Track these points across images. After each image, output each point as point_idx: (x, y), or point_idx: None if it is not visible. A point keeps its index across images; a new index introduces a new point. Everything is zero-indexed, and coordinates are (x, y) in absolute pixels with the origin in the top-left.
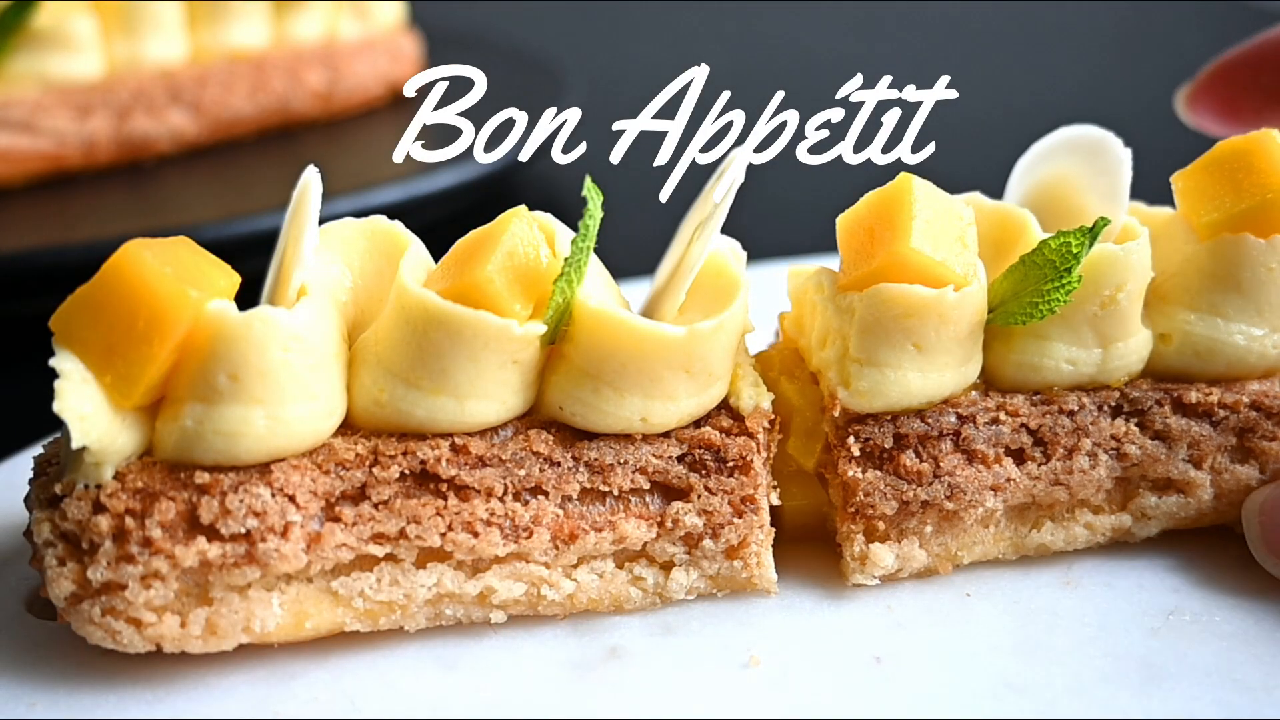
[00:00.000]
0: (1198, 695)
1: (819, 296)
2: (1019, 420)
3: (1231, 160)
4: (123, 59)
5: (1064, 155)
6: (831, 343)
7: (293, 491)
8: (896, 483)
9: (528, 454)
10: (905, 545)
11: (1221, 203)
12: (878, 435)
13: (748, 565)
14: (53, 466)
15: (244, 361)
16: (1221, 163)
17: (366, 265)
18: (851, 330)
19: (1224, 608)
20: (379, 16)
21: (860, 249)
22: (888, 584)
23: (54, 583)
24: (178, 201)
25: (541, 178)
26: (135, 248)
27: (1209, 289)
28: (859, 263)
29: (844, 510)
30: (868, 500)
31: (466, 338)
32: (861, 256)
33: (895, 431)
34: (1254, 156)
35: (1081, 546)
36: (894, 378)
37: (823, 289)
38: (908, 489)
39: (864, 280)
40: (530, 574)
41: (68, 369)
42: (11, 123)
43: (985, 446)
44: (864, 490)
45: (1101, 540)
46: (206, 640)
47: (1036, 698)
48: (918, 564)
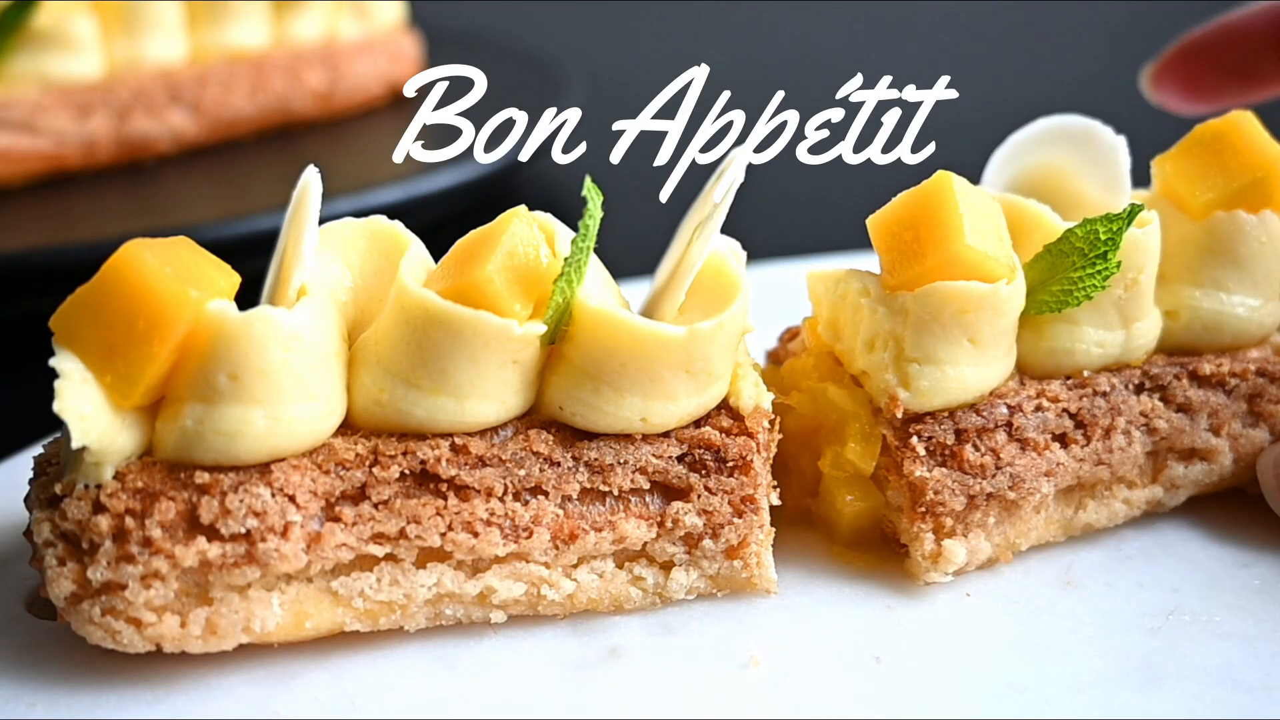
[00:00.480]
0: (1197, 695)
1: (865, 299)
2: (1060, 405)
3: (1213, 142)
4: (123, 59)
5: (1048, 146)
6: (883, 345)
7: (293, 491)
8: (963, 478)
9: (528, 454)
10: (972, 539)
11: (1214, 183)
12: (939, 433)
13: (748, 565)
14: (53, 466)
15: (244, 361)
16: (1203, 145)
17: (366, 265)
18: (906, 330)
19: (1224, 608)
20: (379, 16)
21: (906, 249)
22: (888, 584)
23: (54, 583)
24: (178, 201)
25: (541, 178)
26: (135, 248)
27: (1210, 265)
28: (907, 262)
29: (912, 510)
30: (938, 499)
31: (466, 338)
32: (908, 256)
33: (955, 427)
34: (1233, 137)
35: (1121, 521)
36: (952, 374)
37: (869, 291)
38: (973, 483)
39: (915, 279)
40: (530, 574)
41: (68, 369)
42: (11, 123)
43: (1035, 434)
44: (933, 489)
45: (1137, 514)
46: (206, 640)
47: (1036, 697)
48: (983, 556)
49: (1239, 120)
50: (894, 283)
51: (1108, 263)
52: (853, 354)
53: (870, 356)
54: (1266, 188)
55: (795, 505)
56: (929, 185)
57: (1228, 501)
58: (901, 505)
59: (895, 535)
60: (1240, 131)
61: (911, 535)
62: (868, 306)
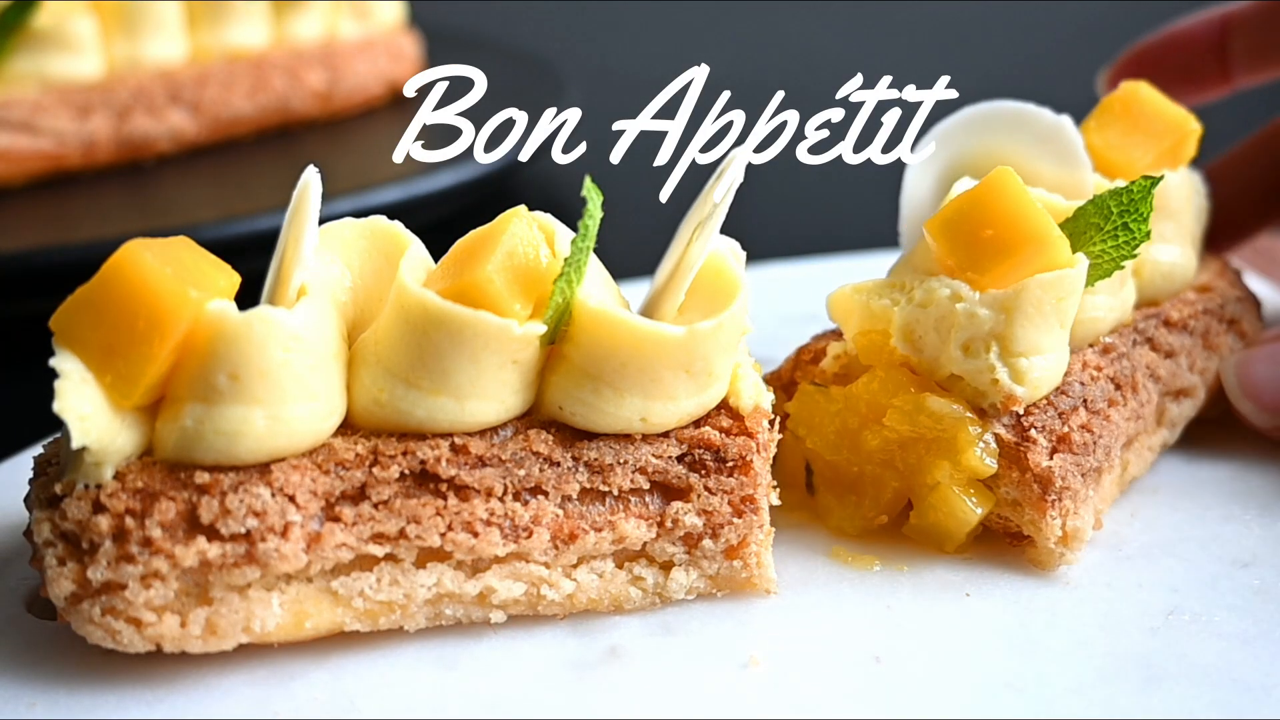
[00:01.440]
0: (1197, 695)
1: (960, 304)
2: (1104, 373)
3: (1125, 112)
4: (123, 59)
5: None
6: (984, 345)
7: (293, 491)
8: (1076, 459)
9: (527, 454)
10: (1084, 515)
11: (1145, 148)
12: (1048, 420)
13: (747, 565)
14: (53, 466)
15: (244, 361)
16: (1118, 115)
17: (366, 265)
18: (1011, 326)
19: (1224, 608)
20: (379, 16)
21: (988, 247)
22: (888, 584)
23: (54, 583)
24: (178, 201)
25: (541, 178)
26: (135, 248)
27: (1158, 221)
28: (992, 260)
29: (1042, 500)
30: (1065, 484)
31: (466, 337)
32: (992, 255)
33: (1058, 412)
34: (1143, 104)
35: (1147, 469)
36: (1054, 361)
37: (961, 296)
38: (1085, 461)
39: (1008, 275)
40: (530, 574)
41: (68, 369)
42: (11, 123)
43: (1103, 404)
44: (1059, 475)
45: (1153, 456)
46: (206, 640)
47: (1036, 697)
48: (1090, 530)
49: (1141, 89)
50: (986, 282)
51: (1133, 233)
52: (941, 361)
53: (970, 360)
54: (1186, 145)
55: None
56: (994, 184)
57: (1228, 501)
58: (1021, 498)
59: (1009, 530)
60: (1147, 99)
61: (1038, 525)
62: (964, 311)
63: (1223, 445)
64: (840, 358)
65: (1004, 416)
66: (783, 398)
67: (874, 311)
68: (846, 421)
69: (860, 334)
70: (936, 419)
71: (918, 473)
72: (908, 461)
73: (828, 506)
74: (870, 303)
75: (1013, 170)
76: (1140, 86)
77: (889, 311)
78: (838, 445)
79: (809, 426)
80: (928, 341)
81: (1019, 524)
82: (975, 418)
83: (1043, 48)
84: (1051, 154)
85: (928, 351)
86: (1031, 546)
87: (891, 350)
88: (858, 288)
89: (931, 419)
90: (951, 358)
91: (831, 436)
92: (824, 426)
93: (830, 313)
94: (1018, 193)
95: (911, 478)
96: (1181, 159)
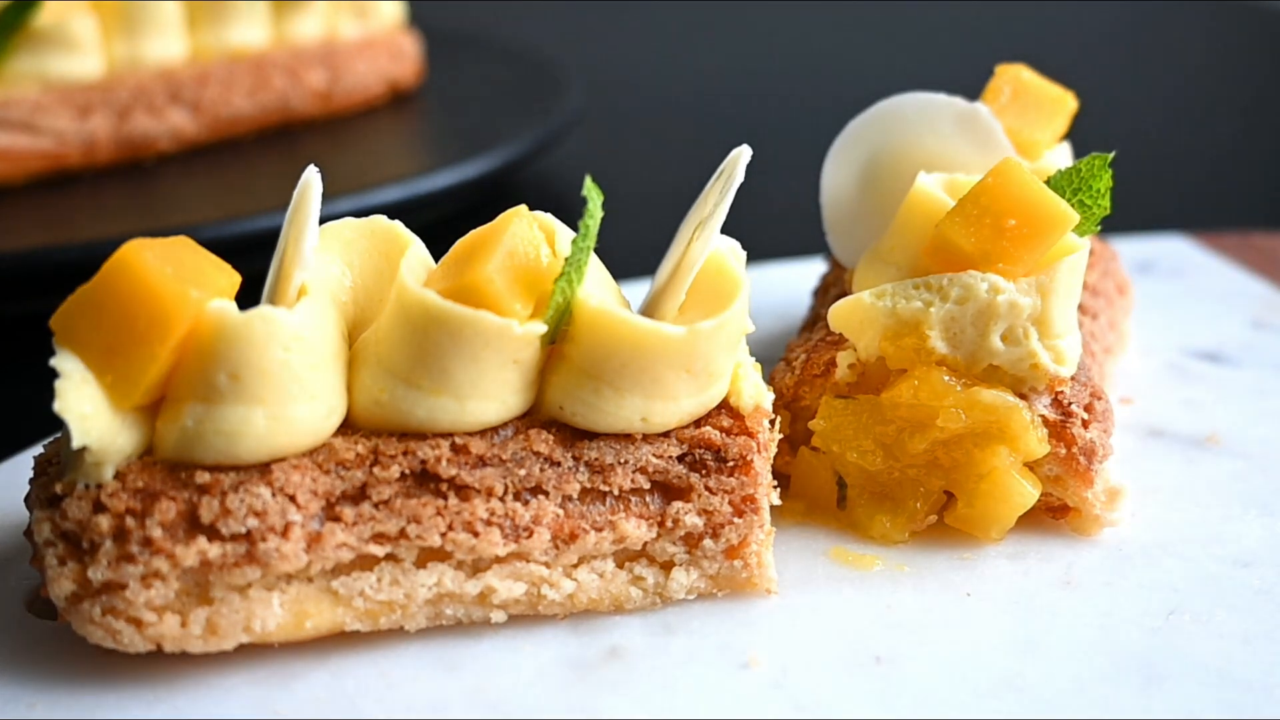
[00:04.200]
0: (1198, 694)
1: (1001, 296)
2: None
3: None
4: (123, 59)
5: (896, 127)
6: (1024, 332)
7: (293, 491)
8: (1102, 424)
9: (528, 454)
10: (1115, 474)
11: (1043, 126)
12: (1080, 394)
13: (747, 565)
14: (53, 466)
15: (244, 361)
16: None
17: (366, 265)
18: (1049, 310)
19: (1224, 607)
20: (379, 16)
21: (1016, 235)
22: (888, 584)
23: (54, 582)
24: (178, 201)
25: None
26: (135, 247)
27: None
28: (1021, 248)
29: (1088, 472)
30: (1105, 451)
31: (467, 337)
32: (1020, 242)
33: (1080, 385)
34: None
35: None
36: (1078, 335)
37: (999, 288)
38: (1107, 424)
39: (1042, 260)
40: (530, 574)
41: (68, 369)
42: (11, 122)
43: (1093, 368)
44: (1099, 444)
45: None
46: (206, 640)
47: (1036, 697)
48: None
49: (1021, 72)
50: (1020, 270)
51: (1090, 208)
52: (979, 355)
53: (1011, 348)
54: (1067, 122)
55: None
56: (1007, 173)
57: (1228, 501)
58: (1065, 473)
59: (1050, 505)
60: (1029, 80)
61: (1082, 495)
62: (1005, 301)
63: (1223, 445)
64: (855, 366)
65: (1044, 398)
66: (786, 415)
67: (903, 316)
68: (884, 430)
69: (886, 340)
70: (990, 411)
71: (965, 466)
72: (953, 458)
73: (867, 518)
74: (898, 308)
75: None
76: (1020, 70)
77: (922, 313)
78: (878, 455)
79: (841, 440)
80: (966, 337)
81: (1061, 497)
82: (1024, 404)
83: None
84: (972, 141)
85: (965, 347)
86: (1076, 516)
87: (929, 351)
88: (877, 293)
89: (985, 411)
90: (991, 349)
91: (870, 446)
92: (859, 439)
93: (837, 324)
94: (1029, 180)
95: (957, 472)
96: (1062, 135)
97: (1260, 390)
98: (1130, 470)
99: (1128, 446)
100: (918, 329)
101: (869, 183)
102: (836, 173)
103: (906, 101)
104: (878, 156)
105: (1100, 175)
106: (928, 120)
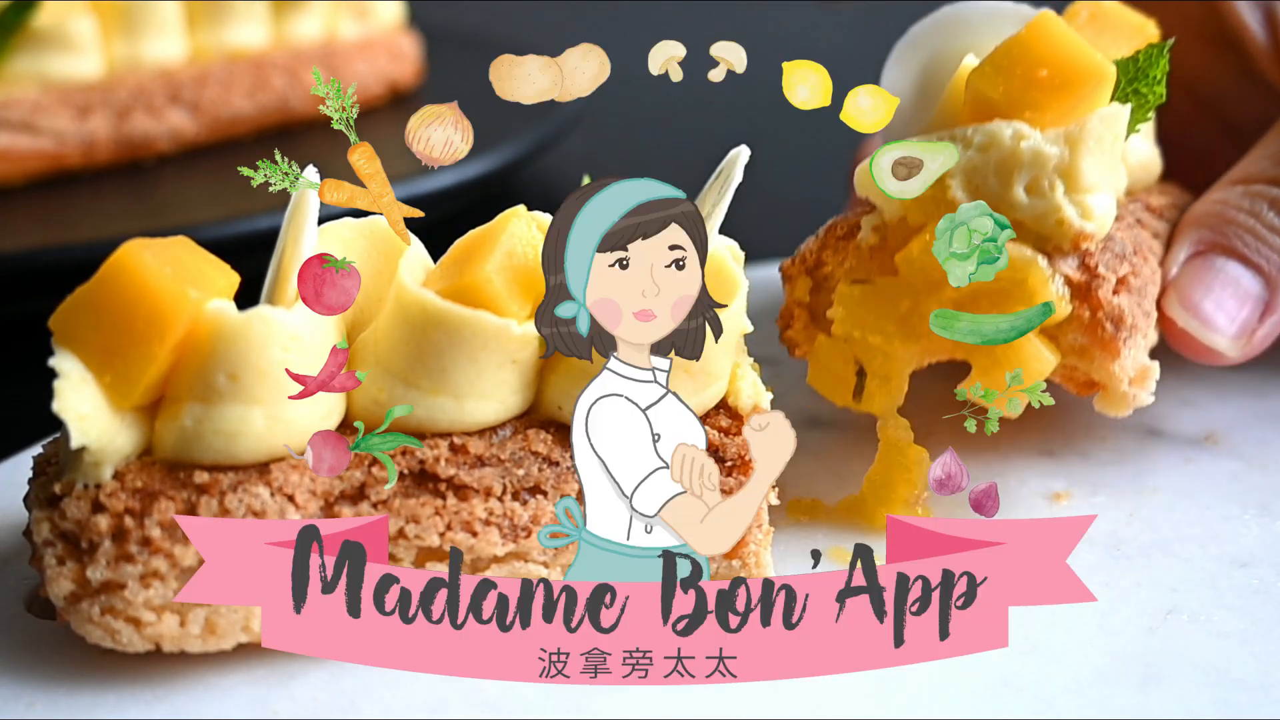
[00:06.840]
0: (1196, 694)
1: (1025, 143)
2: (1120, 234)
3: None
4: (123, 59)
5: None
6: (1050, 185)
7: (292, 491)
8: (1136, 300)
9: (527, 454)
10: (1142, 355)
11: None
12: (1109, 259)
13: (747, 565)
14: (52, 466)
15: (243, 361)
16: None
17: (366, 265)
18: (1076, 161)
19: (1222, 608)
20: (379, 16)
21: (1046, 85)
22: None
23: (53, 582)
24: (178, 201)
25: (541, 178)
26: (135, 247)
27: None
28: (1051, 98)
29: (1114, 341)
30: (1134, 321)
31: (465, 337)
32: (1050, 92)
33: (1115, 254)
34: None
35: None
36: (1112, 199)
37: (1024, 135)
38: (1144, 303)
39: (1070, 111)
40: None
41: (67, 369)
42: (11, 123)
43: (1140, 252)
44: (1129, 313)
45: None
46: (206, 640)
47: (1035, 697)
48: (1157, 367)
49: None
50: (1046, 120)
51: (1144, 96)
52: (1002, 208)
53: (1036, 200)
54: None
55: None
56: (1043, 24)
57: (1227, 501)
58: (1090, 342)
59: (1076, 379)
60: (1110, 8)
61: (1108, 368)
62: (1029, 149)
63: (1221, 445)
64: (879, 228)
65: (1070, 257)
66: (807, 282)
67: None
68: (902, 304)
69: (857, 216)
70: (1008, 264)
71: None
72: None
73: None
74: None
75: (1046, 12)
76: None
77: None
78: (904, 333)
79: (865, 325)
80: (988, 188)
81: (1087, 371)
82: (1046, 261)
83: None
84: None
85: (987, 198)
86: (1104, 392)
87: (950, 203)
88: (903, 145)
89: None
90: (1015, 202)
91: (895, 326)
92: (883, 322)
93: (861, 185)
94: (1065, 31)
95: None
96: None
97: (1260, 390)
98: (1128, 470)
99: (1126, 446)
100: (939, 179)
101: (926, 89)
102: (894, 77)
103: (971, 8)
104: (937, 60)
105: (1158, 62)
106: (993, 28)
